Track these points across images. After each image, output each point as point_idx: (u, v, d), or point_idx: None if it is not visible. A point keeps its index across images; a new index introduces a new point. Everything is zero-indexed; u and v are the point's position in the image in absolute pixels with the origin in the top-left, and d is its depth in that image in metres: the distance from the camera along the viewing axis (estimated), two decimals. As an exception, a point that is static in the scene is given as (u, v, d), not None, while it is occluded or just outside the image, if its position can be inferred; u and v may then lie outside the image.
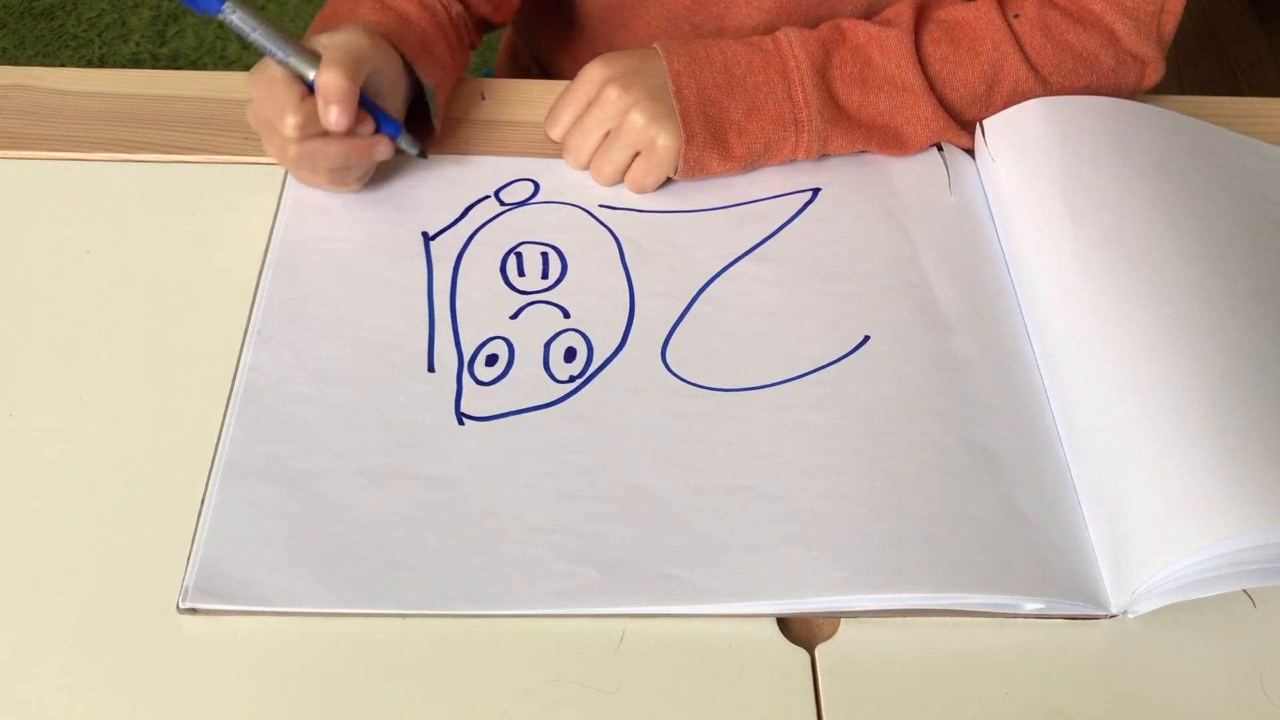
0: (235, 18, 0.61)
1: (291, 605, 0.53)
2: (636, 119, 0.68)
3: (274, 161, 0.68)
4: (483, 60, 1.77)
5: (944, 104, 0.71)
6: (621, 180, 0.71)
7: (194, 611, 0.53)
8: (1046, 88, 0.72)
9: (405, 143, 0.69)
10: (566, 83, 0.72)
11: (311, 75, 0.62)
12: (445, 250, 0.68)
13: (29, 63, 1.87)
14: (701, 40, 0.71)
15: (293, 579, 0.54)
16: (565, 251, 0.68)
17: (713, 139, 0.69)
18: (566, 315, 0.65)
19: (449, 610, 0.54)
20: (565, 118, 0.71)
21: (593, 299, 0.66)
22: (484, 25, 0.80)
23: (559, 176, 0.72)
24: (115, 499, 0.57)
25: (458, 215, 0.70)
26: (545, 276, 0.67)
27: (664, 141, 0.69)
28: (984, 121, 0.72)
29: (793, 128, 0.70)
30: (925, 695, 0.52)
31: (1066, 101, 0.71)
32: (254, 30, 0.61)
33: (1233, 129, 0.73)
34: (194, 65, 1.86)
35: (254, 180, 0.71)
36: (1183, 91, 1.80)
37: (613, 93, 0.69)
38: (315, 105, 0.62)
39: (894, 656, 0.53)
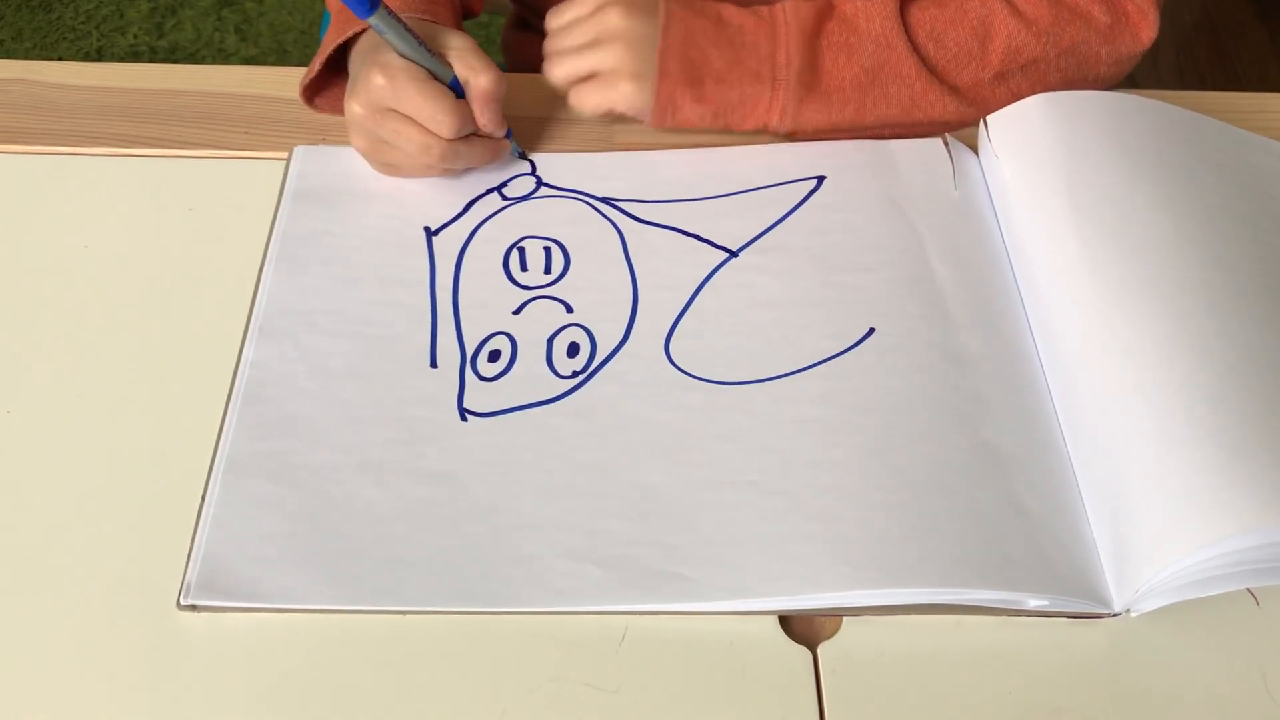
0: (385, 23, 0.63)
1: (293, 602, 0.53)
2: (617, 48, 0.69)
3: (357, 149, 0.69)
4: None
5: (938, 64, 0.72)
6: (568, 87, 0.72)
7: (194, 608, 0.53)
8: (1040, 40, 0.72)
9: (514, 145, 0.72)
10: None
11: (448, 78, 0.66)
12: (448, 245, 0.68)
13: (26, 55, 1.86)
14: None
15: (294, 575, 0.54)
16: (568, 246, 0.68)
17: (687, 81, 0.69)
18: (569, 310, 0.65)
19: (450, 607, 0.53)
20: (566, 16, 0.72)
21: (595, 293, 0.65)
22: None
23: (562, 171, 0.72)
24: (115, 495, 0.57)
25: (460, 210, 0.70)
26: (548, 271, 0.67)
27: (626, 84, 0.69)
28: (988, 117, 0.71)
29: (769, 85, 0.70)
30: (928, 694, 0.52)
31: (1069, 97, 0.71)
32: (400, 35, 0.64)
33: (1234, 124, 0.73)
34: (192, 58, 1.86)
35: (253, 175, 0.71)
36: (1183, 86, 1.80)
37: (613, 14, 0.70)
38: (465, 107, 0.66)
39: (896, 655, 0.53)
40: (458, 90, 0.66)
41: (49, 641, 0.52)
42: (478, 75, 0.66)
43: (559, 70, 0.71)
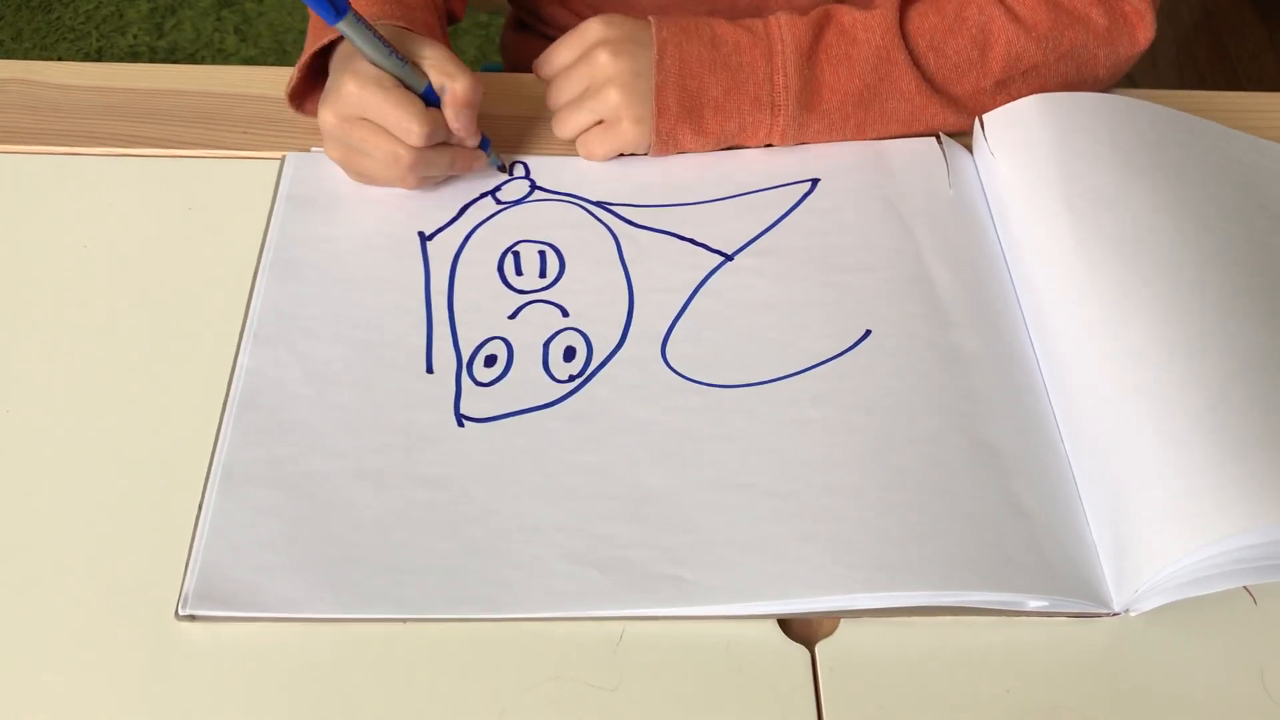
0: (353, 29, 0.62)
1: (292, 610, 0.53)
2: (612, 94, 0.69)
3: (328, 155, 0.68)
4: (482, 55, 1.77)
5: (938, 75, 0.71)
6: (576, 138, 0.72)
7: (193, 618, 0.53)
8: (1040, 46, 0.72)
9: (492, 156, 0.71)
10: None
11: (420, 87, 0.65)
12: (442, 250, 0.67)
13: (26, 55, 1.86)
14: (694, 17, 0.71)
15: (293, 583, 0.54)
16: (563, 249, 0.68)
17: (686, 114, 0.69)
18: (565, 314, 0.65)
19: (450, 613, 0.53)
20: (555, 64, 0.72)
21: (591, 296, 0.65)
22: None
23: (556, 174, 0.72)
24: (112, 504, 0.57)
25: (454, 214, 0.69)
26: (543, 275, 0.66)
27: (627, 126, 0.70)
28: (983, 116, 0.71)
29: (769, 110, 0.70)
30: (926, 693, 0.52)
31: (1065, 97, 0.71)
32: (370, 42, 0.63)
33: (1232, 123, 0.73)
34: (191, 58, 1.86)
35: (252, 175, 0.71)
36: (1183, 86, 1.80)
37: (602, 56, 0.69)
38: (436, 115, 0.65)
39: (895, 654, 0.53)
40: (431, 99, 0.66)
41: (47, 654, 0.52)
42: (453, 80, 0.65)
43: (563, 130, 0.72)
